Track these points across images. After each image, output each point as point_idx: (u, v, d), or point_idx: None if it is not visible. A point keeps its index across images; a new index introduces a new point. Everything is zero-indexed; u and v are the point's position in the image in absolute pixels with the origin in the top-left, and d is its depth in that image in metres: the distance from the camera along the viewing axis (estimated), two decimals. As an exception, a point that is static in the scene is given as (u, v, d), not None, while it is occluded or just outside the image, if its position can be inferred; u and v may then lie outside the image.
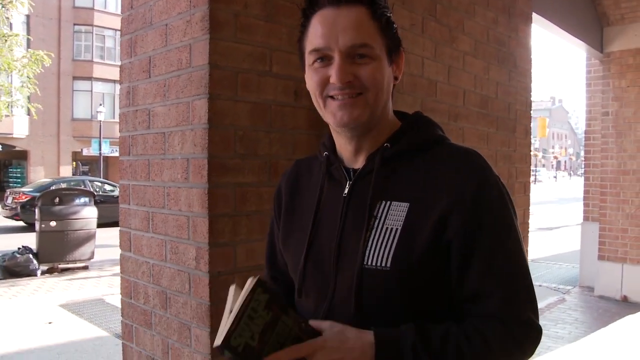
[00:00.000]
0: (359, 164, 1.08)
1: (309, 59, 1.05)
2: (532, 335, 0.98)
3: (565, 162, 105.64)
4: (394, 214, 1.00)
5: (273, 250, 1.29)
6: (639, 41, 6.63)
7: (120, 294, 2.25)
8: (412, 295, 0.98)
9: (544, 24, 4.99)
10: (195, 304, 1.85)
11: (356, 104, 1.00)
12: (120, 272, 2.25)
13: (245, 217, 1.89)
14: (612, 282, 6.66)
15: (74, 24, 28.51)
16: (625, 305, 6.37)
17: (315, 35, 1.01)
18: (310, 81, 1.05)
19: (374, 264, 0.98)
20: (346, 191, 1.07)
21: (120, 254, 2.24)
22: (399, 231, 0.98)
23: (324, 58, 1.01)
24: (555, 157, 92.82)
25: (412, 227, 0.98)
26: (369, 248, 0.99)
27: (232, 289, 0.97)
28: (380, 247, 0.99)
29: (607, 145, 6.73)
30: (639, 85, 6.57)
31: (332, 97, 1.02)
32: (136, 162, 2.12)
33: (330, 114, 1.03)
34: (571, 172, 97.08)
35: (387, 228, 0.99)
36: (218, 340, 0.88)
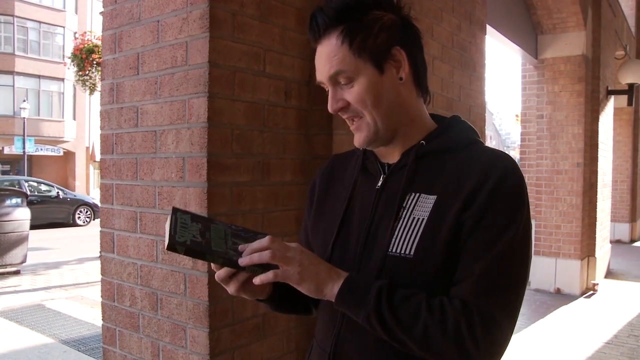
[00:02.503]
0: (394, 159, 1.13)
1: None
2: (491, 331, 0.94)
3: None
4: (422, 205, 1.04)
5: (304, 242, 1.31)
6: (570, 50, 7.07)
7: (101, 297, 2.18)
8: (432, 285, 1.00)
9: (488, 29, 5.22)
10: (192, 305, 1.83)
11: (360, 127, 1.09)
12: (101, 274, 2.18)
13: (241, 216, 1.89)
14: (547, 276, 7.07)
15: (-8, 13, 26.78)
16: (558, 297, 6.79)
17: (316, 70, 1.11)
18: None
19: (398, 251, 1.01)
20: (379, 184, 1.11)
21: (101, 256, 2.17)
22: (424, 221, 1.02)
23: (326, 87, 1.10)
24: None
25: (438, 217, 1.01)
26: (395, 236, 1.03)
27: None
28: (406, 236, 1.02)
29: (542, 147, 7.14)
30: (570, 91, 7.01)
31: (346, 118, 1.12)
32: (121, 161, 2.07)
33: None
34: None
35: (414, 218, 1.03)
36: (166, 243, 0.96)
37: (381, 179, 1.12)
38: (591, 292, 7.01)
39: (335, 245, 1.13)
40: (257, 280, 0.97)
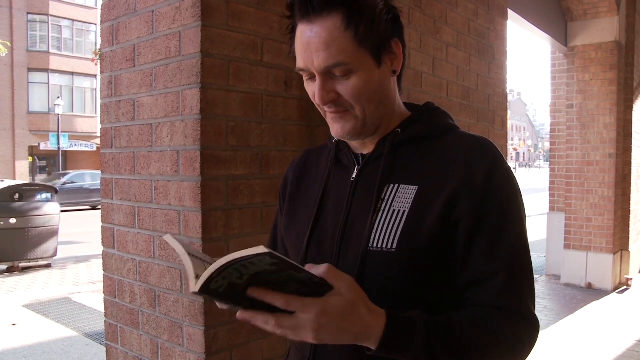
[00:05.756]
0: (368, 150, 1.07)
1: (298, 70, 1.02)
2: (532, 327, 0.95)
3: (524, 153, 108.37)
4: (402, 197, 0.98)
5: (275, 239, 1.26)
6: (601, 36, 6.79)
7: (103, 292, 2.16)
8: (415, 281, 0.96)
9: (513, 16, 5.06)
10: (188, 302, 1.78)
11: (346, 117, 1.00)
12: (103, 270, 2.16)
13: (237, 210, 1.84)
14: (578, 270, 6.85)
15: (28, 13, 27.47)
16: (590, 292, 6.56)
17: (297, 54, 0.97)
18: (308, 92, 1.03)
19: (379, 245, 0.96)
20: (354, 175, 1.05)
21: (103, 251, 2.15)
22: (406, 213, 0.96)
23: (310, 74, 0.98)
24: (515, 149, 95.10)
25: (420, 209, 0.96)
26: (375, 230, 0.97)
27: (173, 239, 0.85)
28: (387, 229, 0.96)
29: (572, 137, 6.89)
30: (602, 79, 6.74)
31: (327, 111, 1.02)
32: (120, 155, 2.03)
33: (329, 125, 1.03)
34: (529, 163, 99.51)
35: (394, 210, 0.97)
36: (195, 287, 0.75)
37: (355, 170, 1.06)
38: (624, 287, 6.76)
39: (310, 241, 1.06)
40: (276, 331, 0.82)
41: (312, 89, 0.99)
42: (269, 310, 0.80)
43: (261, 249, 0.71)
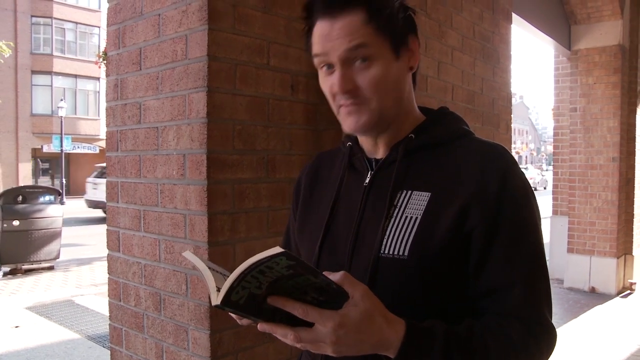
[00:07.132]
0: (381, 154, 1.07)
1: (316, 62, 1.02)
2: (550, 337, 0.95)
3: (526, 157, 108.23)
4: (415, 203, 0.98)
5: (288, 244, 1.26)
6: (605, 40, 6.79)
7: (108, 296, 2.16)
8: (427, 288, 0.95)
9: (516, 20, 5.05)
10: (194, 306, 1.78)
11: (361, 110, 0.98)
12: (108, 273, 2.15)
13: (244, 214, 1.84)
14: (581, 274, 6.83)
15: (32, 16, 27.55)
16: (593, 296, 6.55)
17: (316, 42, 0.98)
18: (324, 87, 1.02)
19: (391, 252, 0.95)
20: (367, 181, 1.05)
21: (108, 255, 2.15)
22: (418, 220, 0.96)
23: (329, 65, 0.98)
24: (517, 152, 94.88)
25: (433, 216, 0.95)
26: (386, 237, 0.97)
27: (193, 255, 0.88)
28: (399, 236, 0.96)
29: (575, 141, 6.88)
30: (605, 82, 6.73)
31: (342, 105, 1.01)
32: (125, 159, 2.03)
33: (342, 120, 1.02)
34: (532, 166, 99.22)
35: (406, 217, 0.97)
36: (216, 300, 0.75)
37: (368, 175, 1.05)
38: (628, 291, 6.74)
39: (322, 247, 1.06)
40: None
41: (329, 81, 0.99)
42: (289, 324, 0.81)
43: (277, 249, 0.71)
